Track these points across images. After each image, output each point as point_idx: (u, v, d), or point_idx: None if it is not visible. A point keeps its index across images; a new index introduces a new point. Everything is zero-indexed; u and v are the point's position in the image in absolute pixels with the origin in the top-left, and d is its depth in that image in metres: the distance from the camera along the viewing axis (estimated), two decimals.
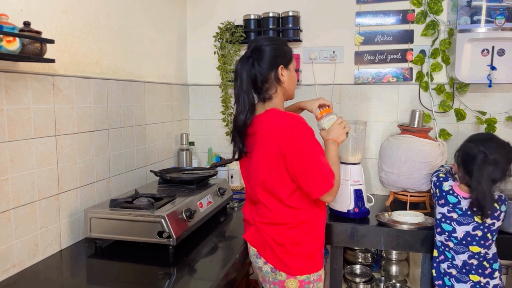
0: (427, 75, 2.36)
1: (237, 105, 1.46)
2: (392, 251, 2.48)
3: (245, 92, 1.44)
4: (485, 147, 1.57)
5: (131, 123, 2.09)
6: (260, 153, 1.45)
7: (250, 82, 1.45)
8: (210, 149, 2.75)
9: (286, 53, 1.51)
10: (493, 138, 1.65)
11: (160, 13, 2.39)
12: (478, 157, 1.57)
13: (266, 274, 1.51)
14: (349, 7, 2.46)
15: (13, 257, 1.40)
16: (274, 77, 1.47)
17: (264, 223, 1.49)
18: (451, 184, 1.71)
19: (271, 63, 1.46)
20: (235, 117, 1.48)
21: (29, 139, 1.45)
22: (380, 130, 2.48)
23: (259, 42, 1.48)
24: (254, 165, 1.49)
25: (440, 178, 1.76)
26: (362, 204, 1.98)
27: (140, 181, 2.18)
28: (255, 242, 1.53)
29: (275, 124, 1.41)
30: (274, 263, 1.47)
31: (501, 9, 2.02)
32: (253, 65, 1.45)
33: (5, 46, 1.19)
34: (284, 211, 1.46)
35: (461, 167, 1.67)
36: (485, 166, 1.55)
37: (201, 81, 2.79)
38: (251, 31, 2.54)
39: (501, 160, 1.54)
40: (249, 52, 1.49)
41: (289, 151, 1.38)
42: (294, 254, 1.45)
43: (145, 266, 1.48)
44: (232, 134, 1.53)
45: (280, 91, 1.51)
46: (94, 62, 1.81)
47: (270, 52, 1.46)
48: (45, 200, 1.53)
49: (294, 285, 1.45)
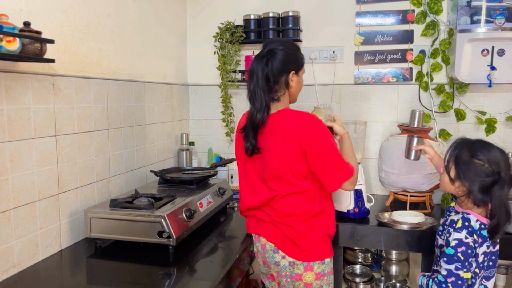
0: (427, 75, 2.36)
1: (254, 102, 1.51)
2: (392, 251, 2.48)
3: (261, 89, 1.50)
4: (498, 166, 1.39)
5: (131, 123, 2.09)
6: (280, 150, 1.50)
7: (265, 80, 1.50)
8: (210, 149, 2.75)
9: (298, 60, 1.58)
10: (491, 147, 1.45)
11: (160, 13, 2.39)
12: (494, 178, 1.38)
13: (283, 268, 1.54)
14: (349, 7, 2.46)
15: (13, 257, 1.40)
16: (284, 81, 1.53)
17: (282, 216, 1.53)
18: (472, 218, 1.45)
19: (284, 68, 1.52)
20: (251, 114, 1.52)
21: (29, 139, 1.45)
22: (380, 130, 2.48)
23: (274, 44, 1.53)
24: (272, 162, 1.52)
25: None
26: (362, 204, 1.98)
27: (140, 181, 2.18)
28: (273, 238, 1.55)
29: (294, 124, 1.49)
30: (294, 254, 1.52)
31: (501, 9, 2.02)
32: (267, 64, 1.50)
33: (5, 46, 1.19)
34: (302, 202, 1.52)
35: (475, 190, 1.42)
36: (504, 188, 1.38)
37: (201, 81, 2.79)
38: (251, 31, 2.54)
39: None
40: (264, 52, 1.53)
41: (310, 147, 1.46)
42: (312, 239, 1.53)
43: (145, 266, 1.48)
44: (245, 131, 1.55)
45: (287, 94, 1.58)
46: (94, 62, 1.81)
47: (284, 56, 1.51)
48: (45, 200, 1.53)
49: (311, 278, 1.52)
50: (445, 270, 1.41)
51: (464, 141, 1.48)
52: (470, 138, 1.49)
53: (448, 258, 1.41)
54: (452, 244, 1.41)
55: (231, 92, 2.66)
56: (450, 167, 1.46)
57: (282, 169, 1.50)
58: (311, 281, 1.52)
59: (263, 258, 1.62)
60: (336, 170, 1.49)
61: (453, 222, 1.46)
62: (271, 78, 1.50)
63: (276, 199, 1.53)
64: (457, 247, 1.39)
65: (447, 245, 1.43)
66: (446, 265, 1.41)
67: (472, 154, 1.42)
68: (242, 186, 1.67)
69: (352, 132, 1.98)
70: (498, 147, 1.44)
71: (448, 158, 1.48)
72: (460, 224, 1.42)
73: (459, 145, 1.47)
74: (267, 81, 1.50)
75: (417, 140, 1.87)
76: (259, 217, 1.61)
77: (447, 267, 1.41)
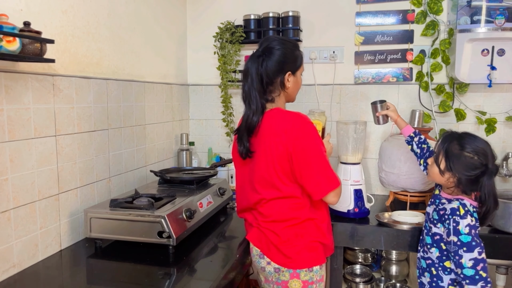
0: (427, 75, 2.36)
1: (250, 104, 1.46)
2: (392, 251, 2.48)
3: (257, 91, 1.45)
4: (486, 158, 1.47)
5: (131, 123, 2.09)
6: (266, 152, 1.45)
7: (259, 81, 1.45)
8: (210, 149, 2.75)
9: (296, 59, 1.52)
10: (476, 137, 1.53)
11: (160, 13, 2.39)
12: (481, 169, 1.46)
13: (269, 274, 1.51)
14: (349, 7, 2.46)
15: (13, 257, 1.40)
16: (280, 82, 1.48)
17: (268, 222, 1.49)
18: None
19: (279, 68, 1.46)
20: (247, 117, 1.47)
21: (29, 139, 1.45)
22: (380, 130, 2.48)
23: (271, 44, 1.47)
24: (259, 164, 1.48)
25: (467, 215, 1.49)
26: (362, 204, 1.98)
27: (140, 181, 2.18)
28: (259, 243, 1.53)
29: (282, 124, 1.42)
30: (279, 261, 1.47)
31: (501, 9, 2.02)
32: (261, 64, 1.45)
33: (5, 46, 1.19)
34: (288, 208, 1.47)
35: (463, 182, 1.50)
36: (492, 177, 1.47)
37: (201, 81, 2.79)
38: (251, 31, 2.54)
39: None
40: (260, 51, 1.48)
41: (296, 149, 1.39)
42: (298, 246, 1.46)
43: (145, 266, 1.48)
44: (239, 134, 1.52)
45: (283, 95, 1.53)
46: (94, 62, 1.81)
47: (280, 56, 1.45)
48: (45, 200, 1.53)
49: (297, 285, 1.46)
50: (469, 261, 1.42)
51: (453, 134, 1.56)
52: (457, 131, 1.57)
53: (468, 246, 1.43)
54: (466, 231, 1.44)
55: (231, 92, 2.66)
56: (440, 159, 1.53)
57: (268, 171, 1.44)
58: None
59: (253, 262, 1.61)
60: (320, 177, 1.40)
61: (455, 210, 1.49)
62: (265, 79, 1.45)
63: (262, 203, 1.50)
64: (471, 232, 1.44)
65: (456, 233, 1.46)
66: (469, 254, 1.42)
67: (461, 147, 1.50)
68: (237, 188, 1.66)
69: (352, 132, 1.98)
70: (483, 138, 1.53)
71: (438, 151, 1.55)
72: (463, 211, 1.48)
73: (448, 138, 1.55)
74: (261, 82, 1.45)
75: (380, 106, 1.93)
76: (249, 221, 1.60)
77: (470, 256, 1.42)
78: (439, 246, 1.56)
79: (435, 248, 1.57)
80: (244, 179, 1.58)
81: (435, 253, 1.57)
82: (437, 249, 1.57)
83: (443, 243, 1.54)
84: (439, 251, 1.56)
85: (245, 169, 1.58)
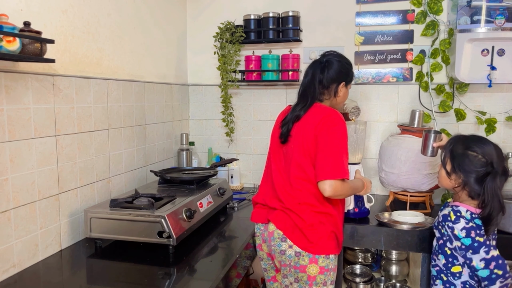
0: (427, 75, 2.36)
1: (304, 98, 1.63)
2: (392, 251, 2.48)
3: (313, 89, 1.62)
4: (491, 157, 1.45)
5: (131, 123, 2.09)
6: (300, 136, 1.57)
7: (318, 82, 1.63)
8: (210, 149, 2.76)
9: (349, 74, 1.71)
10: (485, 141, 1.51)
11: (160, 13, 2.39)
12: (487, 170, 1.44)
13: (289, 257, 1.55)
14: (349, 7, 2.46)
15: (13, 257, 1.40)
16: (334, 89, 1.66)
17: (294, 204, 1.55)
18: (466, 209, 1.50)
19: (337, 77, 1.65)
20: (298, 108, 1.62)
21: (29, 139, 1.45)
22: (380, 130, 2.48)
23: (332, 57, 1.68)
24: (293, 146, 1.59)
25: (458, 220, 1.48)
26: (362, 204, 1.98)
27: (140, 181, 2.18)
28: (283, 225, 1.57)
29: (318, 114, 1.57)
30: (302, 245, 1.53)
31: (501, 9, 2.02)
32: (322, 71, 1.63)
33: (5, 46, 1.19)
34: (312, 194, 1.55)
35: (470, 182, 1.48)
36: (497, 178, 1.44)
37: (201, 81, 2.79)
38: (251, 31, 2.54)
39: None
40: (323, 60, 1.67)
41: (321, 133, 1.52)
42: (320, 232, 1.55)
43: (145, 266, 1.48)
44: (284, 120, 1.65)
45: (332, 100, 1.68)
46: (94, 62, 1.81)
47: (340, 67, 1.66)
48: (45, 200, 1.53)
49: (315, 271, 1.53)
50: (480, 262, 1.42)
51: (459, 137, 1.57)
52: (464, 134, 1.57)
53: (472, 248, 1.43)
54: (463, 235, 1.44)
55: (231, 92, 2.66)
56: (446, 161, 1.54)
57: (299, 154, 1.56)
58: (315, 274, 1.53)
59: (268, 248, 1.63)
60: (329, 162, 1.49)
61: (446, 216, 1.50)
62: (323, 83, 1.63)
63: (291, 183, 1.57)
64: (469, 234, 1.43)
65: (456, 238, 1.46)
66: (477, 256, 1.42)
67: (466, 147, 1.50)
68: (264, 176, 1.75)
69: (352, 132, 1.98)
70: (493, 142, 1.50)
71: (445, 154, 1.56)
72: (454, 216, 1.48)
73: (454, 141, 1.55)
74: (320, 83, 1.63)
75: (434, 136, 1.79)
76: (271, 206, 1.63)
77: (479, 257, 1.42)
78: (443, 252, 1.55)
79: (441, 255, 1.56)
80: (279, 165, 1.66)
81: (442, 260, 1.56)
82: (443, 256, 1.55)
83: (448, 249, 1.53)
84: (445, 257, 1.54)
85: (280, 153, 1.67)
